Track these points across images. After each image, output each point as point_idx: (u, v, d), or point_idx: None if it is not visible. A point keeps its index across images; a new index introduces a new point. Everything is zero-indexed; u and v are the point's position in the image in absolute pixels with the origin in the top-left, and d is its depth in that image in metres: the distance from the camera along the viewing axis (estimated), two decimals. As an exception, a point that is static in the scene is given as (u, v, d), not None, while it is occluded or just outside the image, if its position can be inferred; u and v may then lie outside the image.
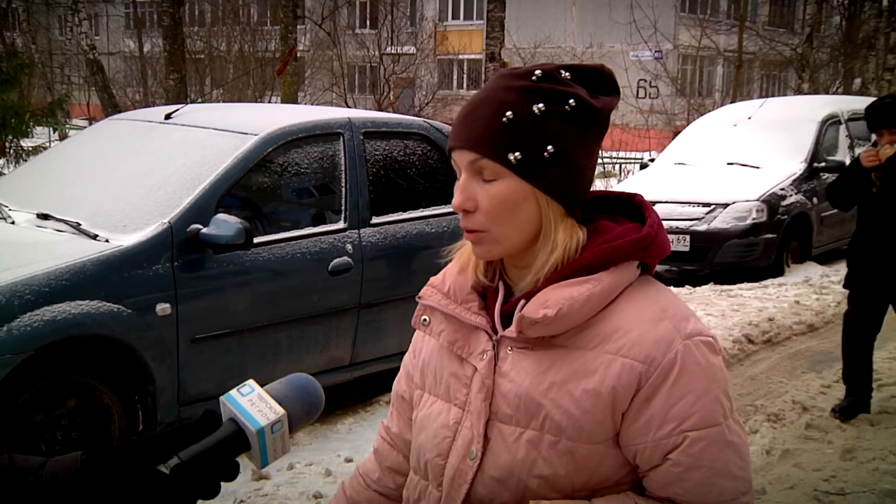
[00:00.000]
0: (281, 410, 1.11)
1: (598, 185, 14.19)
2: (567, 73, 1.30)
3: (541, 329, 1.27)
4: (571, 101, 1.27)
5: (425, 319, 1.44)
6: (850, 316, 5.01)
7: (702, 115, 13.15)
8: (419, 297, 1.43)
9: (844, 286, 5.05)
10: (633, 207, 1.37)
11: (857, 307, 4.94)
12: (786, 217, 8.76)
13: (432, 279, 1.43)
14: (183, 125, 4.96)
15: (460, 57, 30.49)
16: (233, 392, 1.13)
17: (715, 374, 1.27)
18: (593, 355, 1.27)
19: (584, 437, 1.27)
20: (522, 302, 1.31)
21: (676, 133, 12.74)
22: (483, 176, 1.28)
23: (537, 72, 1.29)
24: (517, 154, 1.25)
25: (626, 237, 1.30)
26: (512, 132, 1.25)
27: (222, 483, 1.12)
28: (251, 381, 1.15)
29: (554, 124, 1.26)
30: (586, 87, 1.30)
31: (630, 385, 1.25)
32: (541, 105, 1.26)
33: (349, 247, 4.78)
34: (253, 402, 1.12)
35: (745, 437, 1.31)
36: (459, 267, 1.40)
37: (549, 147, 1.26)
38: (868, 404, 5.02)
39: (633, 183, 10.19)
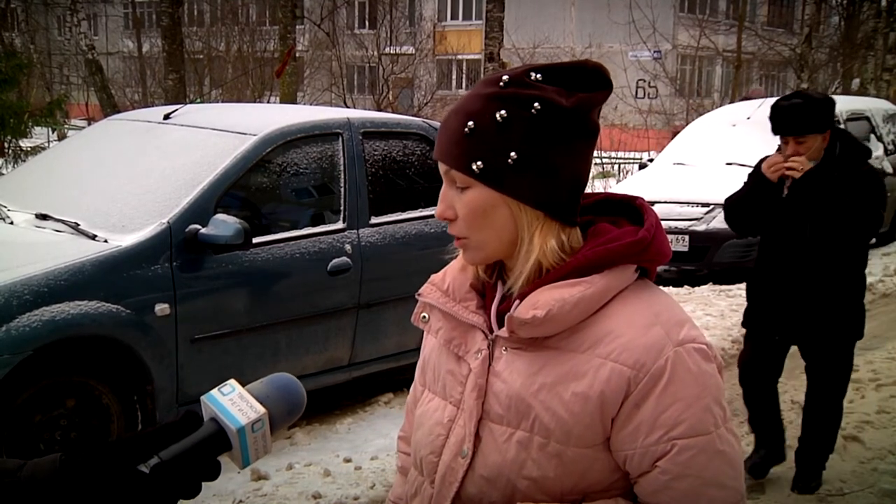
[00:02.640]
0: (262, 409, 1.11)
1: (598, 185, 14.19)
2: (538, 75, 1.28)
3: (531, 330, 1.27)
4: (536, 104, 1.25)
5: (424, 316, 1.44)
6: (747, 361, 4.19)
7: (701, 115, 13.15)
8: (419, 295, 1.44)
9: (743, 325, 4.25)
10: (636, 210, 1.36)
11: (756, 351, 4.14)
12: (785, 217, 8.75)
13: (433, 276, 1.44)
14: (182, 125, 4.96)
15: (459, 57, 30.47)
16: (213, 391, 1.13)
17: (707, 381, 1.26)
18: (584, 358, 1.27)
19: (572, 441, 1.26)
20: (517, 302, 1.30)
21: (675, 133, 12.74)
22: (457, 185, 1.30)
23: (505, 77, 1.28)
24: (479, 163, 1.26)
25: (622, 240, 1.29)
26: (473, 141, 1.26)
27: (212, 483, 1.12)
28: (232, 381, 1.14)
29: (518, 130, 1.25)
30: (565, 86, 1.28)
31: (619, 390, 1.24)
32: (503, 112, 1.25)
33: (348, 247, 4.78)
34: (234, 402, 1.11)
35: (739, 446, 1.30)
36: (462, 264, 1.41)
37: (513, 154, 1.25)
38: (782, 454, 4.25)
39: (632, 183, 10.19)
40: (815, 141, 3.73)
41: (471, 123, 1.26)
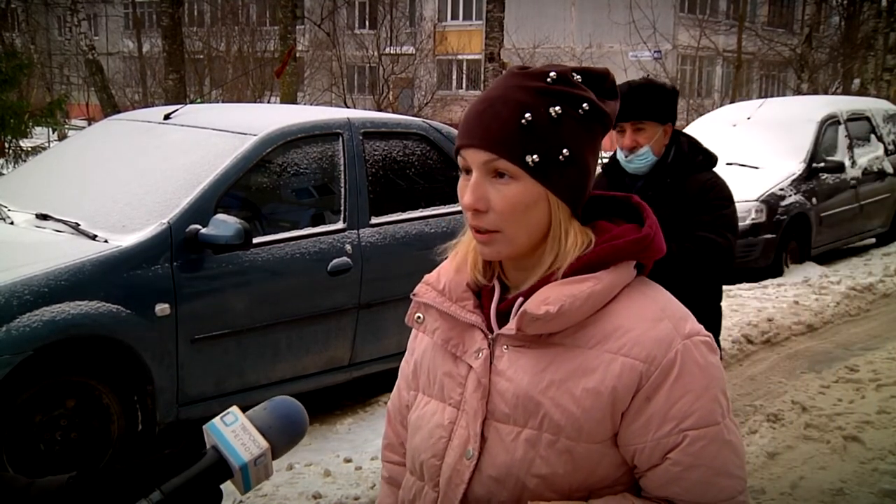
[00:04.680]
0: (265, 444, 1.10)
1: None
2: (579, 77, 1.30)
3: (541, 326, 1.27)
4: (585, 104, 1.27)
5: (419, 317, 1.44)
6: None
7: (701, 115, 13.15)
8: (414, 295, 1.43)
9: None
10: (628, 208, 1.38)
11: None
12: (785, 217, 8.76)
13: (427, 276, 1.43)
14: (182, 125, 4.96)
15: (459, 57, 30.51)
16: (216, 421, 1.12)
17: (713, 373, 1.28)
18: (593, 354, 1.27)
19: (583, 437, 1.27)
20: (521, 300, 1.31)
21: (675, 133, 12.73)
22: (497, 176, 1.27)
23: (552, 73, 1.28)
24: (535, 157, 1.25)
25: (627, 237, 1.30)
26: (530, 134, 1.25)
27: None
28: (235, 409, 1.13)
29: (569, 127, 1.27)
30: (593, 92, 1.31)
31: (630, 384, 1.25)
32: (557, 108, 1.26)
33: (348, 247, 4.78)
34: (236, 434, 1.10)
35: (740, 435, 1.32)
36: (456, 266, 1.40)
37: (565, 150, 1.26)
38: None
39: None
40: (655, 131, 3.24)
41: (528, 115, 1.25)
